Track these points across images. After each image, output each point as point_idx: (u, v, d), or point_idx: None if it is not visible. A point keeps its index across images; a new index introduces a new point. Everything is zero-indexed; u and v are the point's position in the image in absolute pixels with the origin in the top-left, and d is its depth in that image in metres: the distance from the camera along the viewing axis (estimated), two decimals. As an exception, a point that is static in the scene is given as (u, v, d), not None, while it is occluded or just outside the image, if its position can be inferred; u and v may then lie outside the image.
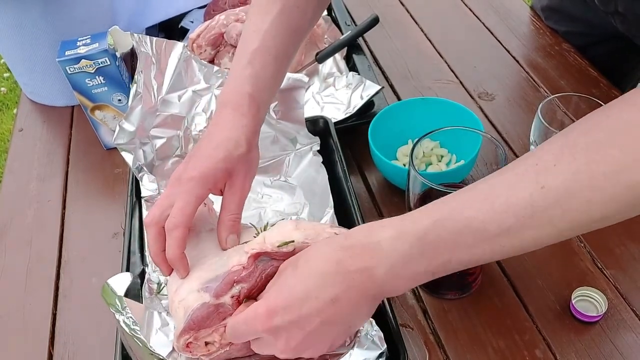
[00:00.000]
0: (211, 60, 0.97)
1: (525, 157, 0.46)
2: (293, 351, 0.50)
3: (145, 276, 0.68)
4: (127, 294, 0.58)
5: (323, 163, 0.79)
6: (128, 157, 0.78)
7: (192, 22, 1.08)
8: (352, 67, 0.98)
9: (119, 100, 0.88)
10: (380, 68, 1.05)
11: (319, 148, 0.81)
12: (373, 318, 0.55)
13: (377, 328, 0.58)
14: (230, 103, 0.62)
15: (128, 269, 0.67)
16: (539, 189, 0.43)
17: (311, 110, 0.91)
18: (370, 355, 0.56)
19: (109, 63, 0.84)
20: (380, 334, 0.58)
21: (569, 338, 0.65)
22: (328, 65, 0.99)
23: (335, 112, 0.90)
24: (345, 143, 0.82)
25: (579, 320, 0.66)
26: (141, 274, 0.68)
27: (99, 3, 0.97)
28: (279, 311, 0.48)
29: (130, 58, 0.93)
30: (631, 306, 0.67)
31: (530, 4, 1.17)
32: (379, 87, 0.88)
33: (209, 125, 0.65)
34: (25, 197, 0.89)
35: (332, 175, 0.77)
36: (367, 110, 0.88)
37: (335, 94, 0.94)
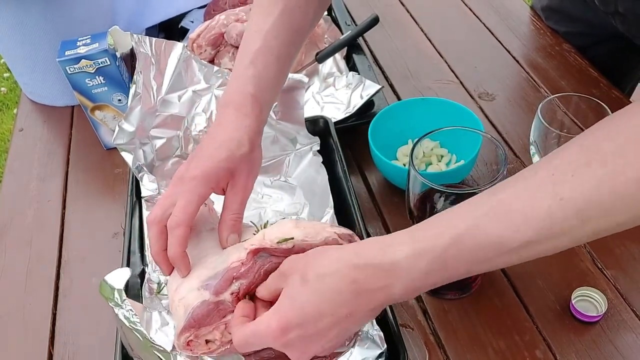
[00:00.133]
0: (211, 60, 0.97)
1: (539, 166, 0.45)
2: (306, 357, 0.51)
3: (145, 276, 0.68)
4: (127, 293, 0.58)
5: (323, 163, 0.79)
6: (128, 157, 0.78)
7: (192, 22, 1.08)
8: (352, 67, 0.98)
9: (119, 100, 0.88)
10: (380, 68, 1.05)
11: (319, 148, 0.81)
12: (373, 318, 0.55)
13: (378, 328, 0.58)
14: (232, 103, 0.62)
15: (128, 269, 0.67)
16: (557, 201, 0.42)
17: (311, 110, 0.91)
18: (370, 355, 0.56)
19: (109, 63, 0.84)
20: (380, 333, 0.58)
21: (569, 338, 0.65)
22: (328, 65, 0.99)
23: (335, 112, 0.90)
24: (345, 143, 0.82)
25: (579, 321, 0.66)
26: (141, 274, 0.68)
27: (99, 3, 0.97)
28: (293, 328, 0.48)
29: (130, 58, 0.93)
30: (631, 306, 0.67)
31: (531, 4, 1.17)
32: (379, 87, 0.88)
33: (212, 125, 0.65)
34: (25, 197, 0.89)
35: (332, 175, 0.77)
36: (367, 110, 0.88)
37: (335, 94, 0.94)
